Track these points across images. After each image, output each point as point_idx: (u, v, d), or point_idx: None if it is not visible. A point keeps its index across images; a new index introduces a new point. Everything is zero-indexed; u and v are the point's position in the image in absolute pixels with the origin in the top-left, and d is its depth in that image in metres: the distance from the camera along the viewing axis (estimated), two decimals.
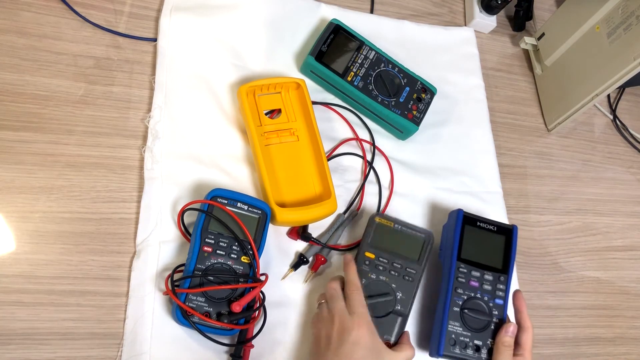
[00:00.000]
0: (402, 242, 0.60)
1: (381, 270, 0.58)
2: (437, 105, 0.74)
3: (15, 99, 0.59)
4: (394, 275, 0.58)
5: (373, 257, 0.58)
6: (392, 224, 0.60)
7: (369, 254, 0.58)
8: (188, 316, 0.51)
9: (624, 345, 0.74)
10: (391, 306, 0.57)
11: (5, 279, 0.52)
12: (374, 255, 0.58)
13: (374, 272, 0.58)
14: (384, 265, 0.58)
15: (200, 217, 0.55)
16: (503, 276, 0.62)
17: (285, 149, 0.65)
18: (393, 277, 0.58)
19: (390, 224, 0.60)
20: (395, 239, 0.60)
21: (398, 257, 0.59)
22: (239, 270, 0.54)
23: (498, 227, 0.64)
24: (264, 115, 0.65)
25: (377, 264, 0.58)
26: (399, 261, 0.59)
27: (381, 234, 0.60)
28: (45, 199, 0.56)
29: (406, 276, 0.58)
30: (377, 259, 0.58)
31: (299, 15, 0.75)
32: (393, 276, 0.58)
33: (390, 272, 0.58)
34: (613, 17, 0.73)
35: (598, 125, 0.90)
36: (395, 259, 0.59)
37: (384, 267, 0.58)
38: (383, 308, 0.57)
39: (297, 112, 0.67)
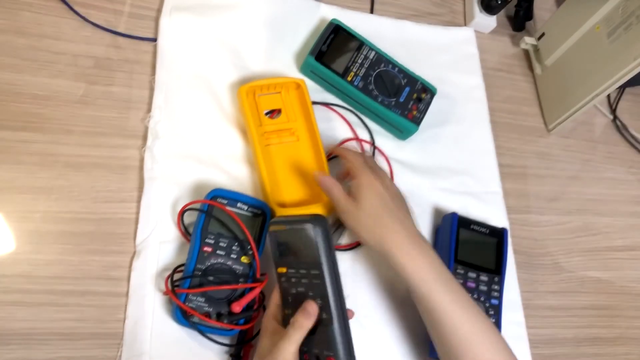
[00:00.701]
0: (297, 242, 0.49)
1: (294, 283, 0.50)
2: (437, 105, 0.74)
3: (15, 99, 0.59)
4: (305, 283, 0.49)
5: (285, 270, 0.50)
6: (284, 227, 0.50)
7: (280, 269, 0.51)
8: (188, 316, 0.51)
9: (624, 345, 0.74)
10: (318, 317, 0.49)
11: (5, 279, 0.52)
12: (285, 268, 0.50)
13: (292, 286, 0.50)
14: (295, 276, 0.49)
15: (200, 217, 0.55)
16: (497, 277, 0.63)
17: (285, 149, 0.65)
18: (306, 285, 0.49)
19: (282, 228, 0.50)
20: (292, 241, 0.50)
21: (300, 260, 0.49)
22: (239, 271, 0.54)
23: (490, 229, 0.65)
24: (264, 115, 0.65)
25: (289, 276, 0.50)
26: (303, 265, 0.49)
27: (284, 243, 0.50)
28: (45, 199, 0.56)
29: (314, 279, 0.48)
30: (288, 271, 0.50)
31: (299, 15, 0.75)
32: (305, 284, 0.49)
33: (301, 281, 0.49)
34: (613, 17, 0.73)
35: (598, 125, 0.90)
36: (300, 265, 0.49)
37: (296, 278, 0.49)
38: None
39: (297, 112, 0.67)
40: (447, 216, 0.66)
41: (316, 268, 0.48)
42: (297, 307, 0.49)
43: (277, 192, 0.62)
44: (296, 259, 0.49)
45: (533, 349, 0.67)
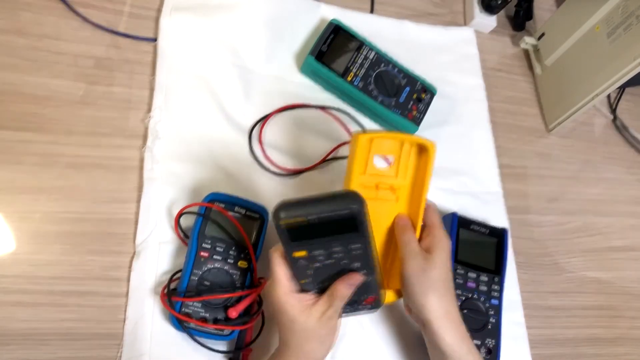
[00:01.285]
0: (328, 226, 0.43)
1: (322, 259, 0.46)
2: (437, 105, 0.74)
3: (15, 99, 0.59)
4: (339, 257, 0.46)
5: (305, 253, 0.45)
6: (306, 220, 0.42)
7: (298, 253, 0.45)
8: (183, 324, 0.51)
9: (624, 345, 0.74)
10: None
11: (5, 279, 0.52)
12: (305, 251, 0.45)
13: (317, 262, 0.46)
14: (322, 254, 0.45)
15: (197, 221, 0.55)
16: (497, 277, 0.63)
17: (377, 207, 0.53)
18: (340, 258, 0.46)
19: (303, 220, 0.42)
20: (318, 228, 0.43)
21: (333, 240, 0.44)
22: (236, 275, 0.54)
23: (490, 229, 0.65)
24: (373, 162, 0.53)
25: (313, 257, 0.45)
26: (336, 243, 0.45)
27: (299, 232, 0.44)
28: (45, 199, 0.56)
29: (353, 251, 0.45)
30: (311, 253, 0.45)
31: (299, 15, 0.75)
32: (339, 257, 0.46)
33: (333, 256, 0.46)
34: (613, 17, 0.73)
35: (598, 125, 0.90)
36: (332, 244, 0.45)
37: (324, 256, 0.45)
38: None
39: (410, 171, 0.54)
40: (447, 216, 0.66)
41: (358, 242, 0.45)
42: (321, 277, 0.47)
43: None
44: (327, 239, 0.44)
45: (533, 349, 0.67)
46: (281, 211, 0.41)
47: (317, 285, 0.48)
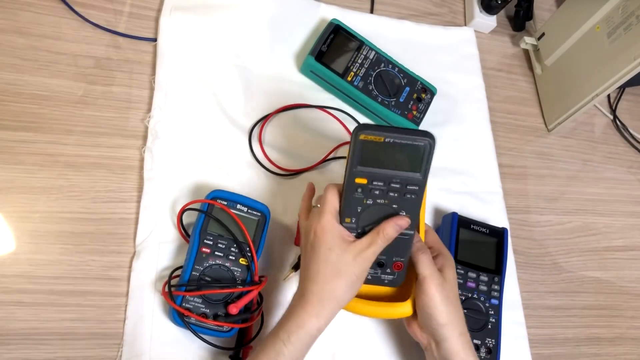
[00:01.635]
0: (397, 155, 0.46)
1: (378, 195, 0.47)
2: (437, 105, 0.74)
3: (15, 99, 0.59)
4: (393, 197, 0.47)
5: (365, 182, 0.47)
6: (382, 139, 0.45)
7: (359, 179, 0.47)
8: (184, 318, 0.51)
9: (624, 345, 0.74)
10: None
11: (5, 279, 0.52)
12: (366, 179, 0.47)
13: (370, 198, 0.47)
14: (379, 188, 0.47)
15: (199, 217, 0.55)
16: (497, 277, 0.63)
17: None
18: (393, 198, 0.47)
19: (379, 139, 0.45)
20: (388, 154, 0.46)
21: (395, 174, 0.47)
22: (237, 272, 0.54)
23: (490, 229, 0.65)
24: None
25: (371, 189, 0.47)
26: (397, 179, 0.47)
27: (370, 152, 0.46)
28: (45, 199, 0.56)
29: (407, 194, 0.47)
30: (371, 183, 0.47)
31: (299, 15, 0.75)
32: (393, 197, 0.47)
33: (388, 194, 0.47)
34: (613, 17, 0.73)
35: (598, 125, 0.90)
36: (392, 178, 0.47)
37: (381, 190, 0.47)
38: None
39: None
40: (447, 216, 0.66)
41: (416, 185, 0.47)
42: (366, 221, 0.48)
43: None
44: (390, 172, 0.46)
45: (533, 349, 0.67)
46: (364, 126, 0.45)
47: (358, 229, 0.48)
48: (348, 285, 0.47)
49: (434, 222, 0.70)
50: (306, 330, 0.45)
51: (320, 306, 0.46)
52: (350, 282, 0.47)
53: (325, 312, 0.46)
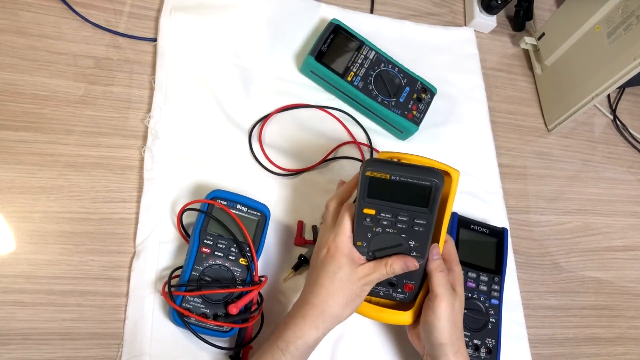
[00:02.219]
0: (404, 192, 0.47)
1: (386, 225, 0.49)
2: (437, 105, 0.74)
3: (15, 99, 0.59)
4: (401, 228, 0.49)
5: (373, 212, 0.48)
6: (388, 176, 0.46)
7: (368, 210, 0.48)
8: (184, 318, 0.51)
9: (624, 345, 0.74)
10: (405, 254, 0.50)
11: (5, 279, 0.52)
12: (374, 211, 0.48)
13: (379, 227, 0.49)
14: (387, 219, 0.48)
15: (199, 217, 0.55)
16: (497, 277, 0.63)
17: None
18: (401, 229, 0.49)
19: (385, 176, 0.46)
20: (395, 190, 0.47)
21: (402, 208, 0.48)
22: (237, 272, 0.54)
23: (490, 229, 0.65)
24: None
25: (379, 219, 0.48)
26: (405, 214, 0.48)
27: (377, 187, 0.47)
28: (45, 199, 0.56)
29: (415, 226, 0.48)
30: (379, 214, 0.48)
31: (299, 15, 0.75)
32: (401, 228, 0.49)
33: (396, 225, 0.48)
34: (613, 17, 0.73)
35: (598, 125, 0.90)
36: (400, 212, 0.48)
37: (389, 221, 0.48)
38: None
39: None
40: None
41: (424, 219, 0.48)
42: (376, 246, 0.50)
43: None
44: (397, 205, 0.48)
45: (533, 349, 0.67)
46: (371, 162, 0.46)
47: (369, 252, 0.50)
48: (348, 303, 0.49)
49: None
50: (305, 341, 0.47)
51: (320, 319, 0.48)
52: (351, 300, 0.49)
53: (324, 325, 0.48)
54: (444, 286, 0.51)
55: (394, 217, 0.48)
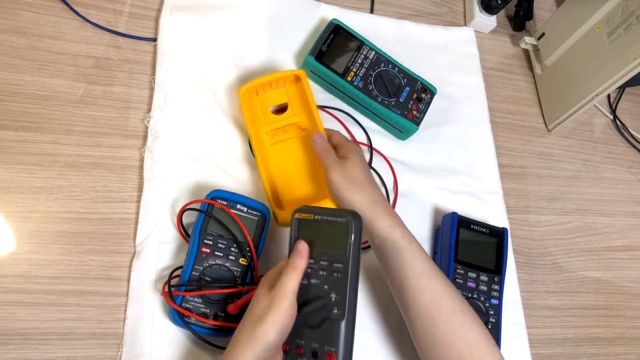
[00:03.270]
0: (325, 233, 0.48)
1: (310, 273, 0.48)
2: (437, 105, 0.74)
3: (15, 99, 0.59)
4: (323, 275, 0.47)
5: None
6: (312, 216, 0.48)
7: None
8: (184, 318, 0.51)
9: (624, 345, 0.74)
10: (327, 312, 0.46)
11: (5, 279, 0.52)
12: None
13: (305, 277, 0.48)
14: (311, 266, 0.48)
15: (199, 217, 0.55)
16: (497, 277, 0.63)
17: (292, 145, 0.65)
18: (324, 277, 0.47)
19: (309, 217, 0.48)
20: (319, 232, 0.48)
21: (324, 252, 0.48)
22: (237, 272, 0.54)
23: (490, 229, 0.65)
24: (270, 112, 0.65)
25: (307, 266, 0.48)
26: (325, 257, 0.47)
27: (304, 231, 0.49)
28: (45, 199, 0.56)
29: (335, 272, 0.47)
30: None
31: (299, 15, 0.75)
32: (323, 276, 0.47)
33: (319, 272, 0.47)
34: (613, 17, 0.73)
35: (598, 125, 0.90)
36: (322, 256, 0.48)
37: (312, 268, 0.48)
38: (317, 316, 0.47)
39: (300, 104, 0.66)
40: (447, 216, 0.66)
41: (342, 262, 0.47)
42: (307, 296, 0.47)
43: (288, 190, 0.62)
44: (320, 250, 0.48)
45: (533, 349, 0.67)
46: (300, 208, 0.50)
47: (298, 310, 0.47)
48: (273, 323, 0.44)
49: (433, 222, 0.70)
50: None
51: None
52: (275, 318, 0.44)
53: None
54: (331, 159, 0.56)
55: (316, 263, 0.48)
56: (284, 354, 0.47)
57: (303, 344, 0.47)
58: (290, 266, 0.47)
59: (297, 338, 0.47)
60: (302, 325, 0.47)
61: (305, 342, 0.47)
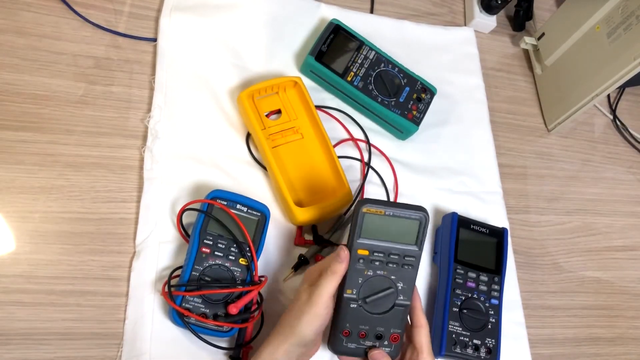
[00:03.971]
0: (396, 228, 0.50)
1: (378, 266, 0.51)
2: (437, 105, 0.74)
3: (15, 99, 0.59)
4: (392, 267, 0.51)
5: (367, 253, 0.50)
6: (383, 212, 0.49)
7: (362, 251, 0.51)
8: (184, 318, 0.51)
9: (624, 345, 0.74)
10: (393, 299, 0.51)
11: (5, 279, 0.52)
12: (368, 251, 0.50)
13: (371, 269, 0.50)
14: (380, 259, 0.50)
15: (199, 217, 0.55)
16: (497, 277, 0.63)
17: (292, 148, 0.65)
18: (392, 269, 0.51)
19: (380, 212, 0.49)
20: (388, 227, 0.50)
21: (394, 246, 0.51)
22: (237, 272, 0.54)
23: (490, 229, 0.65)
24: (265, 117, 0.66)
25: (372, 260, 0.50)
26: (396, 251, 0.50)
27: (372, 225, 0.50)
28: (45, 199, 0.56)
29: (405, 265, 0.51)
30: (372, 254, 0.50)
31: (299, 15, 0.75)
32: (391, 268, 0.51)
33: (387, 265, 0.51)
34: (613, 17, 0.73)
35: (598, 125, 0.90)
36: (392, 250, 0.50)
37: (381, 261, 0.50)
38: (386, 303, 0.51)
39: (298, 109, 0.67)
40: (447, 216, 0.66)
41: (413, 256, 0.51)
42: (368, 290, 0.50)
43: (293, 192, 0.63)
44: (388, 243, 0.50)
45: (533, 349, 0.67)
46: (367, 200, 0.49)
47: (359, 300, 0.51)
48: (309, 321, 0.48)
49: (434, 222, 0.70)
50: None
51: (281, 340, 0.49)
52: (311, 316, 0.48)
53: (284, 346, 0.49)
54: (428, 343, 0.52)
55: (386, 257, 0.50)
56: (343, 339, 0.51)
57: (367, 328, 0.51)
58: (330, 270, 0.49)
59: (360, 324, 0.51)
60: (363, 312, 0.51)
61: (369, 327, 0.51)
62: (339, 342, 0.51)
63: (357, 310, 0.50)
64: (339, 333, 0.51)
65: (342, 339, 0.51)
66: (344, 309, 0.51)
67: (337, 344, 0.51)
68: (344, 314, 0.51)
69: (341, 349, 0.51)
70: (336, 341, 0.51)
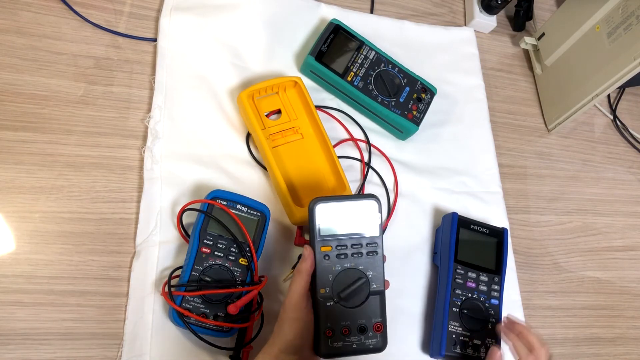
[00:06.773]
0: (351, 219, 0.52)
1: (344, 259, 0.51)
2: (437, 105, 0.74)
3: (15, 99, 0.59)
4: (358, 258, 0.51)
5: (330, 249, 0.51)
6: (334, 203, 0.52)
7: (324, 247, 0.51)
8: (184, 318, 0.51)
9: (624, 345, 0.74)
10: (367, 289, 0.51)
11: (5, 279, 0.52)
12: (330, 247, 0.51)
13: (338, 264, 0.51)
14: (344, 252, 0.51)
15: (199, 217, 0.55)
16: (497, 277, 0.63)
17: (292, 148, 0.65)
18: (358, 260, 0.51)
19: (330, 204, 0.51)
20: (343, 219, 0.52)
21: (354, 236, 0.52)
22: (237, 272, 0.54)
23: (490, 229, 0.65)
24: (265, 117, 0.66)
25: (337, 254, 0.51)
26: (357, 240, 0.52)
27: (328, 221, 0.51)
28: (45, 199, 0.56)
29: (370, 252, 0.52)
30: (335, 249, 0.51)
31: (299, 15, 0.75)
32: (357, 258, 0.51)
33: (353, 256, 0.51)
34: (613, 17, 0.73)
35: (598, 125, 0.90)
36: (353, 241, 0.51)
37: (345, 254, 0.51)
38: (360, 294, 0.51)
39: (298, 109, 0.67)
40: (447, 216, 0.66)
41: (374, 242, 0.52)
42: (340, 284, 0.51)
43: (293, 191, 0.63)
44: (347, 234, 0.51)
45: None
46: (318, 200, 0.51)
47: (334, 297, 0.51)
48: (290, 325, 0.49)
49: (434, 222, 0.70)
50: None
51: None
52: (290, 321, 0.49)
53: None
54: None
55: (350, 248, 0.51)
56: (327, 339, 0.50)
57: (348, 324, 0.51)
58: (296, 271, 0.50)
59: (340, 321, 0.51)
60: (342, 309, 0.51)
61: (350, 321, 0.51)
62: (324, 343, 0.50)
63: (335, 307, 0.50)
64: (322, 334, 0.50)
65: (326, 339, 0.50)
66: (322, 309, 0.50)
67: (323, 346, 0.50)
68: (323, 314, 0.50)
69: (328, 350, 0.50)
70: (321, 344, 0.50)
